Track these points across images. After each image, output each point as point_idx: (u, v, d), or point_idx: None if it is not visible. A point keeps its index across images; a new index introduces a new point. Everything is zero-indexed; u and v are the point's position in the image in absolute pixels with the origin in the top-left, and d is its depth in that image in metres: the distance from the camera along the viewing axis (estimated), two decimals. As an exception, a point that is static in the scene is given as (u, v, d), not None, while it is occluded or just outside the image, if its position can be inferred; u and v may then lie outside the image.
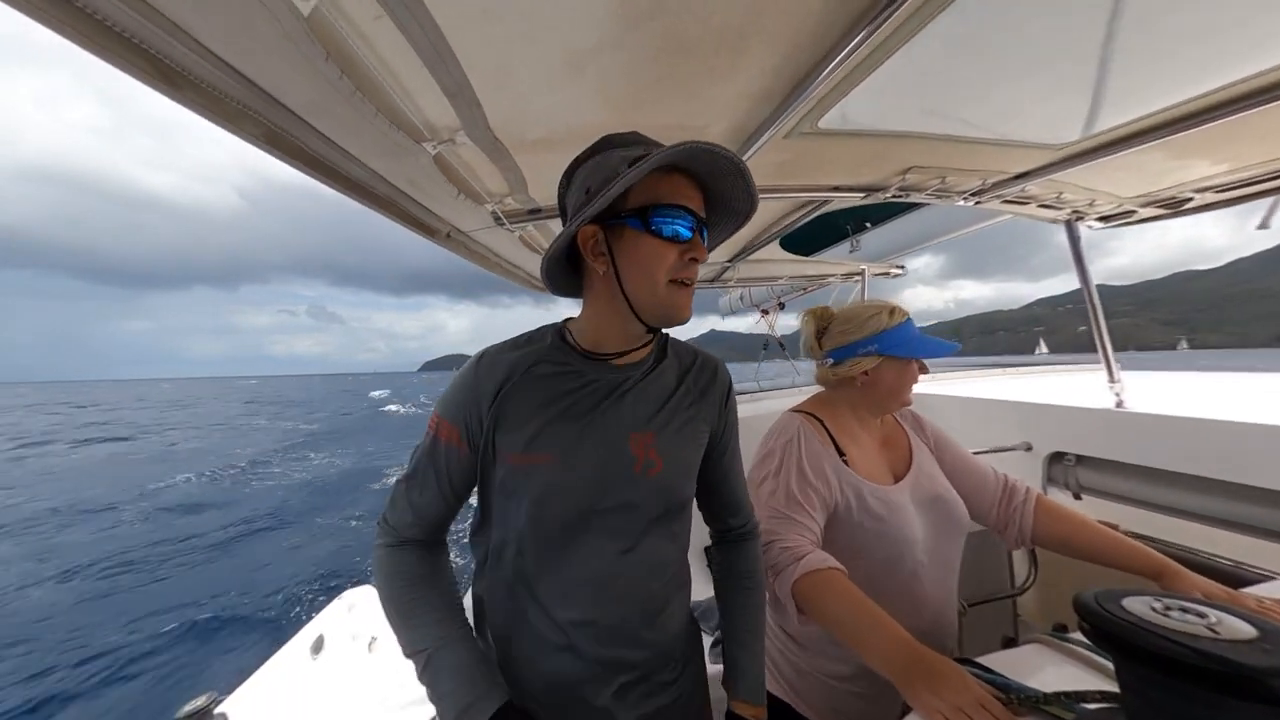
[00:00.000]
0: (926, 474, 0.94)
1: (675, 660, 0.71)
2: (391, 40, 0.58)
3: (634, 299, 0.60)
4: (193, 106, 0.62)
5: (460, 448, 0.63)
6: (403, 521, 0.65)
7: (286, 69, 0.61)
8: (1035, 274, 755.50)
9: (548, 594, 0.63)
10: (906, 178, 1.20)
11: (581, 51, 0.65)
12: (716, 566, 0.82)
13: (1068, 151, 1.08)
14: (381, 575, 0.64)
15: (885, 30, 0.61)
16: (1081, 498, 1.62)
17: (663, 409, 0.67)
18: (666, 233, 0.57)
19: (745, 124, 0.89)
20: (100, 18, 0.49)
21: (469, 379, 0.63)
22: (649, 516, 0.65)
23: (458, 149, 0.86)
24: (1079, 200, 1.45)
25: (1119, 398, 1.62)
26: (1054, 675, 0.67)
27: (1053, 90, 0.83)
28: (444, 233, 1.32)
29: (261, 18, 0.52)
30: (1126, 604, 0.50)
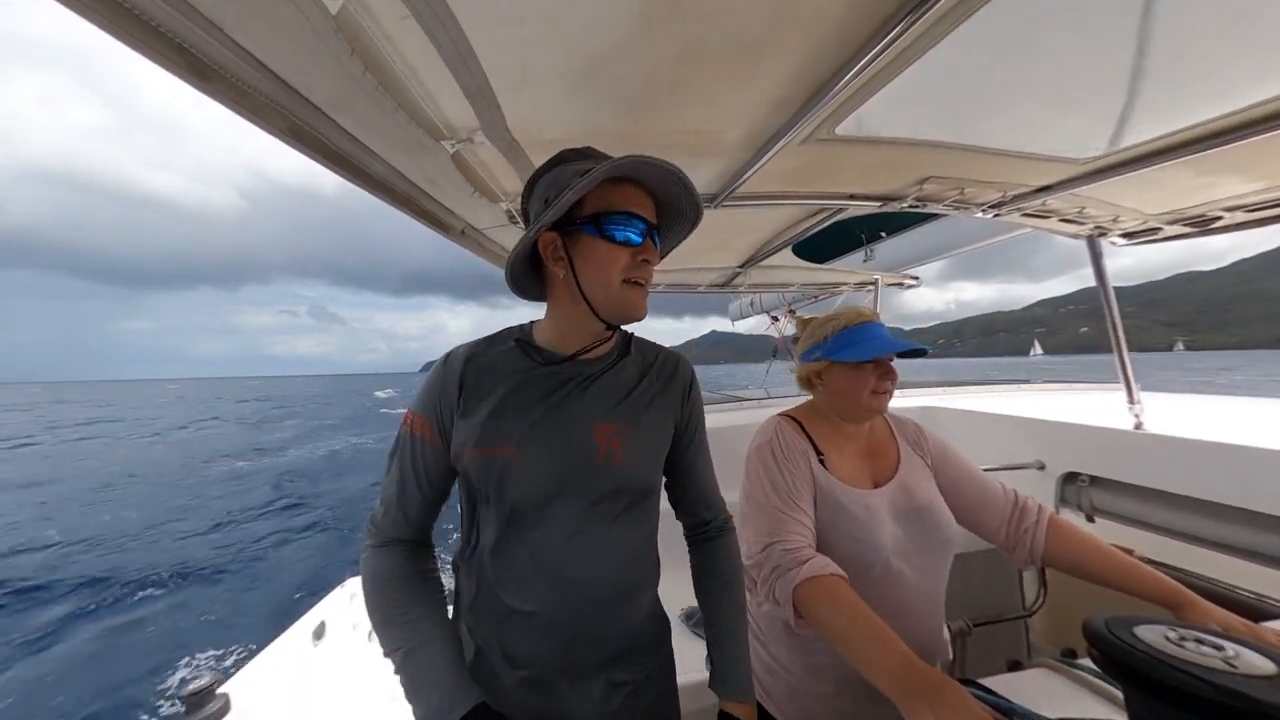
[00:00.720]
0: (910, 485, 0.93)
1: (642, 656, 0.72)
2: (415, 40, 0.59)
3: (591, 299, 0.64)
4: (220, 99, 0.64)
5: (433, 439, 0.66)
6: (387, 521, 0.67)
7: (312, 64, 0.63)
8: (1036, 275, 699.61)
9: (512, 582, 0.65)
10: (924, 188, 1.19)
11: (600, 55, 0.66)
12: (695, 565, 0.82)
13: (1092, 166, 1.06)
14: (365, 575, 0.65)
15: (908, 38, 0.60)
16: (1095, 520, 1.58)
17: (625, 400, 0.70)
18: (619, 237, 0.62)
19: (762, 130, 0.88)
20: (138, 12, 0.50)
21: (438, 374, 0.67)
22: (613, 505, 0.67)
23: (475, 148, 0.88)
24: (1102, 216, 1.41)
25: (1138, 419, 1.57)
26: (1059, 702, 0.65)
27: (1078, 103, 0.82)
28: (459, 229, 1.34)
29: (290, 13, 0.53)
30: (1139, 632, 0.48)
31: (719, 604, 0.78)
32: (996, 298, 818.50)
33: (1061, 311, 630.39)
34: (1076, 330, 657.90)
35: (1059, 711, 0.59)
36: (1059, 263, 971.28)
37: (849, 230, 1.80)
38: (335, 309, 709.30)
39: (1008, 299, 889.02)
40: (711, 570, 0.80)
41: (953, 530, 0.92)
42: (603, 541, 0.66)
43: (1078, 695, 0.67)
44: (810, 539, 0.84)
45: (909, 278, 2.68)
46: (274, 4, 0.51)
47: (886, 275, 2.61)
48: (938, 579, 0.91)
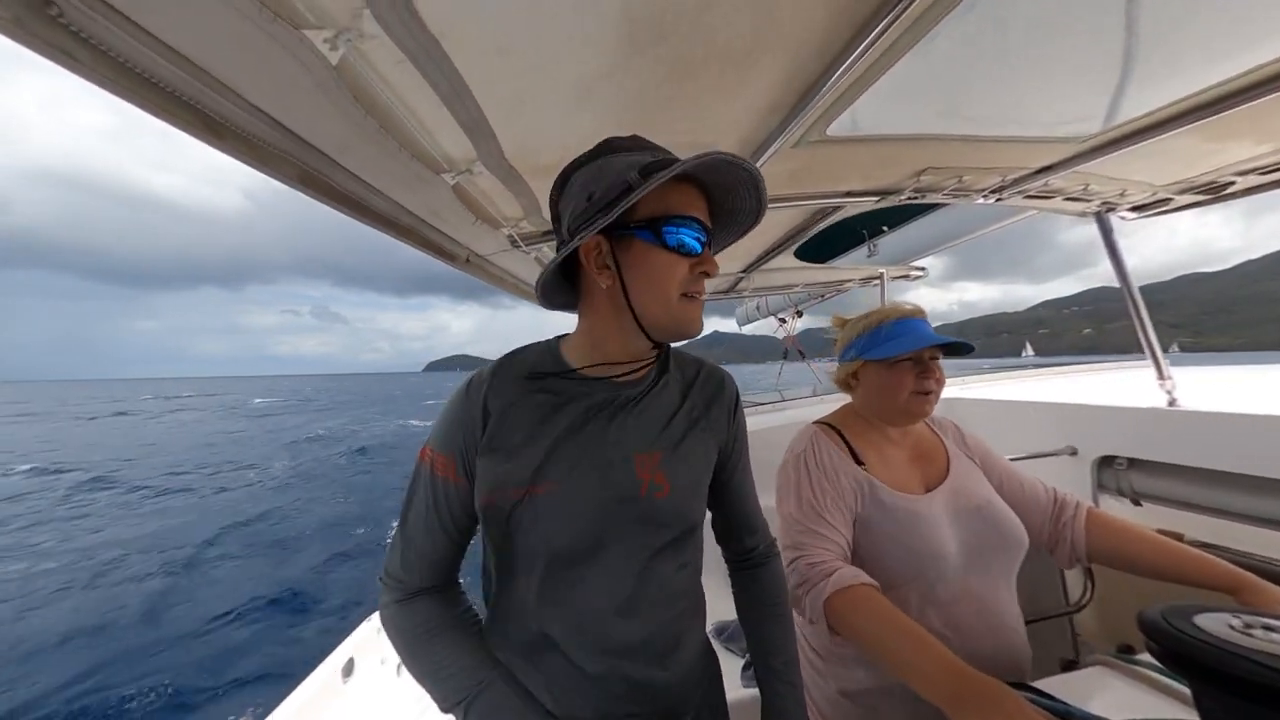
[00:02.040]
0: (965, 486, 0.88)
1: (693, 694, 0.66)
2: (412, 81, 0.61)
3: (643, 313, 0.57)
4: (234, 154, 0.67)
5: (457, 480, 0.59)
6: (409, 571, 0.60)
7: (317, 114, 0.65)
8: (1039, 275, 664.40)
9: (554, 630, 0.58)
10: (921, 179, 1.18)
11: (590, 80, 0.67)
12: (738, 593, 0.77)
13: (1093, 142, 1.04)
14: (397, 633, 0.59)
15: (891, 35, 0.61)
16: (1141, 504, 1.51)
17: (668, 427, 0.63)
18: (680, 246, 0.55)
19: (753, 136, 0.89)
20: (155, 80, 0.54)
21: (460, 406, 0.59)
22: (657, 544, 0.60)
23: (475, 178, 0.90)
24: (1108, 191, 1.39)
25: (1171, 395, 1.51)
26: (1121, 701, 0.61)
27: (1072, 81, 0.81)
28: (463, 257, 1.37)
29: (296, 69, 0.56)
30: (1200, 622, 0.46)
31: (768, 631, 0.72)
32: (1000, 298, 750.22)
33: (1064, 313, 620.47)
34: (1079, 331, 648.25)
35: (1122, 712, 0.56)
36: (1062, 263, 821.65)
37: (850, 227, 1.80)
38: (338, 309, 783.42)
39: (1011, 300, 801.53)
40: (759, 600, 0.74)
41: (1019, 527, 0.85)
42: (650, 589, 0.59)
43: (1141, 694, 0.63)
44: (840, 551, 0.80)
45: (915, 269, 2.65)
46: (279, 61, 0.54)
47: (892, 269, 2.59)
48: (1006, 582, 0.84)
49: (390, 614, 0.60)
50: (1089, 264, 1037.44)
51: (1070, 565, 0.89)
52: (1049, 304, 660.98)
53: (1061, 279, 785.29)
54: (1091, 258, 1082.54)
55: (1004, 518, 0.86)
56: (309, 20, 0.50)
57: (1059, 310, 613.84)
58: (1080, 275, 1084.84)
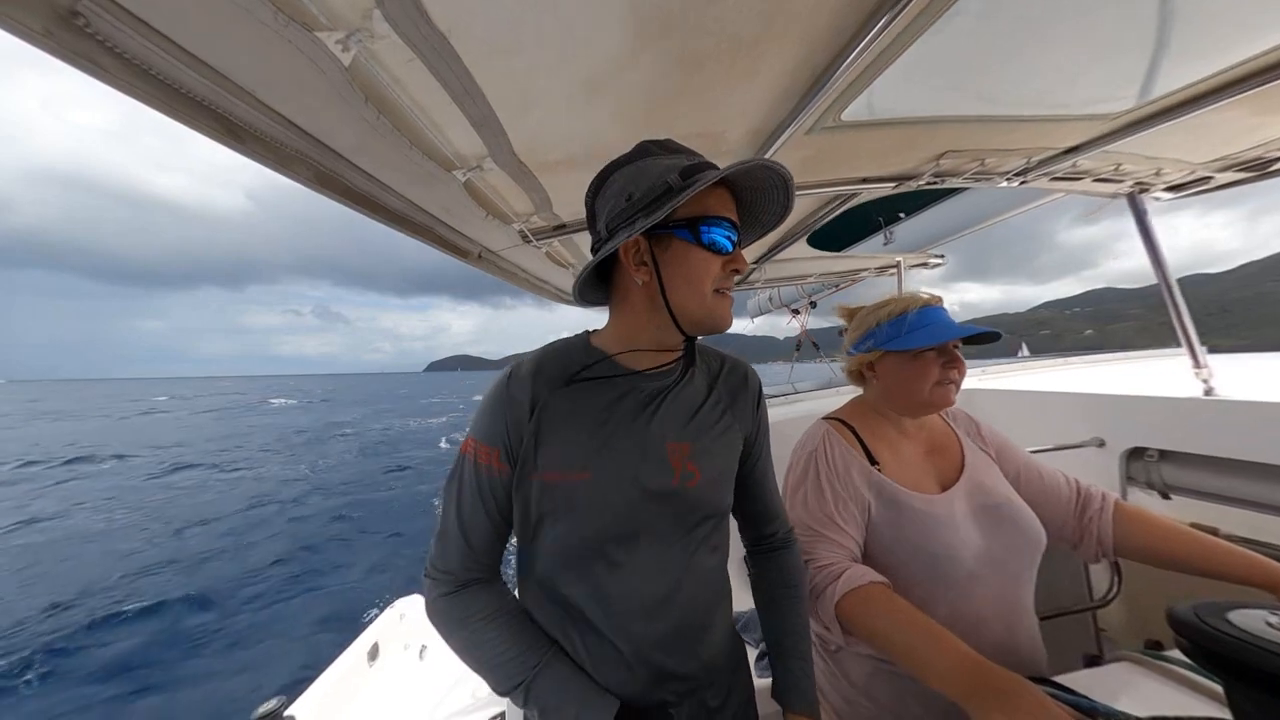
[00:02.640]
0: (981, 482, 0.86)
1: (721, 678, 0.68)
2: (422, 80, 0.62)
3: (679, 309, 0.60)
4: (254, 156, 0.69)
5: (500, 468, 0.61)
6: (459, 562, 0.62)
7: (332, 115, 0.67)
8: (1040, 276, 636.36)
9: (591, 613, 0.60)
10: (940, 163, 1.14)
11: (599, 74, 0.67)
12: (755, 578, 0.79)
13: (1125, 120, 0.99)
14: (450, 624, 0.60)
15: (907, 16, 0.59)
16: (1171, 497, 1.45)
17: (695, 417, 0.66)
18: (715, 245, 0.58)
19: (764, 125, 0.88)
20: (178, 86, 0.55)
21: (502, 397, 0.62)
22: (689, 529, 0.63)
23: (485, 174, 0.91)
24: (1142, 171, 1.32)
25: (1207, 384, 1.44)
26: (1148, 698, 0.60)
27: (1103, 54, 0.77)
28: (475, 253, 1.38)
29: (310, 72, 0.57)
30: (1235, 618, 0.44)
31: (783, 617, 0.74)
32: (1001, 299, 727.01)
33: (1067, 314, 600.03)
34: (1081, 332, 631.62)
35: (1149, 709, 0.54)
36: (1064, 264, 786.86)
37: (865, 214, 1.75)
38: (340, 309, 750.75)
39: (1013, 301, 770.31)
40: (775, 583, 0.76)
41: (1037, 523, 0.83)
42: (681, 573, 0.62)
43: (1169, 691, 0.61)
44: (847, 554, 0.79)
45: (933, 257, 2.58)
46: (294, 63, 0.55)
47: (909, 256, 2.52)
48: (1027, 583, 0.82)
49: (440, 607, 0.61)
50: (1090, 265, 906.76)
51: (1096, 560, 0.86)
52: (1050, 305, 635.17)
53: (1063, 280, 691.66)
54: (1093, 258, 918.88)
55: (1022, 515, 0.83)
56: (321, 22, 0.50)
57: (1061, 311, 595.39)
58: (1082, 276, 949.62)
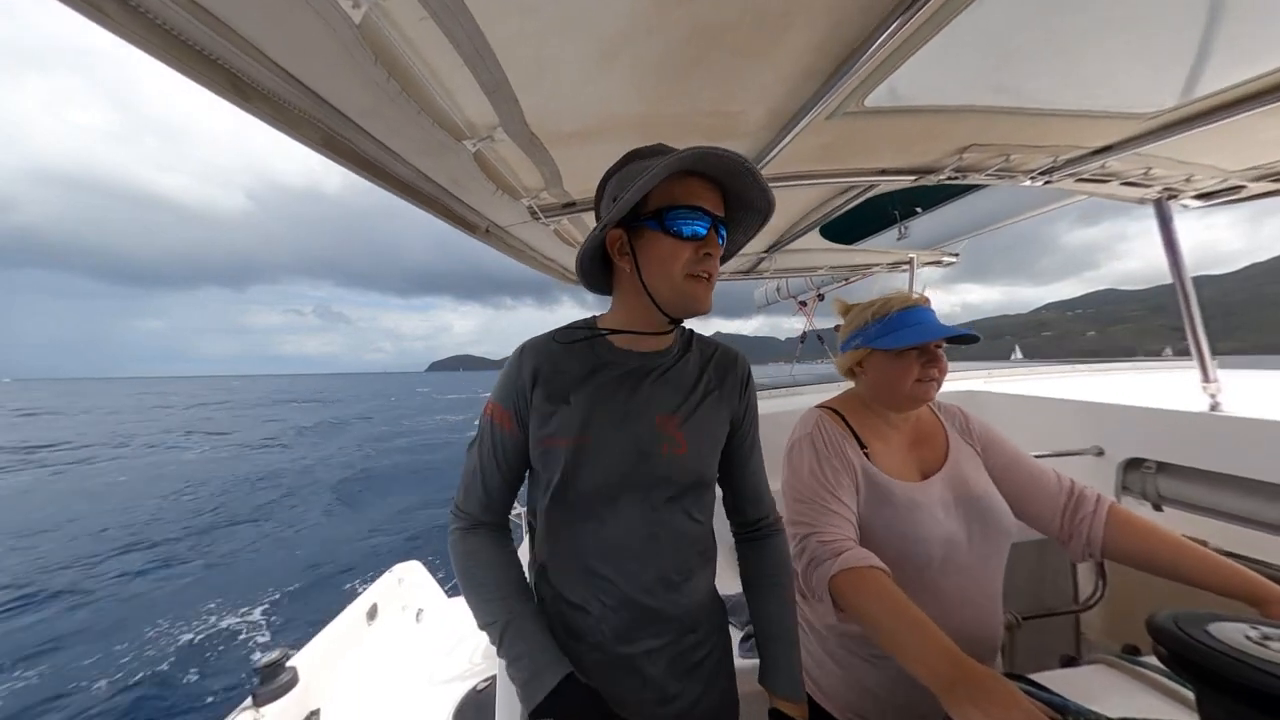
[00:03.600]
0: (962, 474, 0.89)
1: (701, 629, 0.74)
2: (434, 40, 0.60)
3: (655, 293, 0.66)
4: (261, 116, 0.67)
5: (512, 429, 0.70)
6: (474, 506, 0.72)
7: (341, 75, 0.65)
8: (1041, 277, 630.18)
9: (578, 567, 0.68)
10: (964, 157, 1.11)
11: (615, 39, 0.65)
12: (743, 564, 0.82)
13: (1161, 120, 0.95)
14: (458, 555, 0.70)
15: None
16: (1163, 509, 1.46)
17: (688, 396, 0.73)
18: (682, 232, 0.63)
19: (785, 106, 0.85)
20: (184, 38, 0.54)
21: (514, 368, 0.71)
22: (673, 492, 0.70)
23: (496, 145, 0.89)
24: (1172, 176, 1.28)
25: (1214, 399, 1.43)
26: (1120, 700, 0.61)
27: (1144, 50, 0.73)
28: (483, 228, 1.37)
29: (319, 29, 0.55)
30: (1214, 630, 0.45)
31: (769, 602, 0.78)
32: (1003, 301, 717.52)
33: (1069, 315, 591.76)
34: (1083, 334, 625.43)
35: (1120, 711, 0.56)
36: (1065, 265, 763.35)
37: (880, 207, 1.71)
38: (341, 308, 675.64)
39: (1015, 302, 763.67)
40: (761, 569, 0.80)
41: (1009, 521, 0.87)
42: (665, 528, 0.69)
43: (1140, 694, 0.63)
44: (850, 531, 0.82)
45: (948, 254, 2.53)
46: (302, 20, 0.53)
47: (923, 253, 2.47)
48: (994, 572, 0.86)
49: (454, 539, 0.72)
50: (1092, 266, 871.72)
51: (1082, 559, 0.87)
52: (1052, 306, 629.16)
53: (1064, 281, 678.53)
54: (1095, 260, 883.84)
55: (997, 511, 0.86)
56: (331, -26, 0.49)
57: (1062, 313, 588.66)
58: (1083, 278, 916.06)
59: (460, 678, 1.79)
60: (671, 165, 0.59)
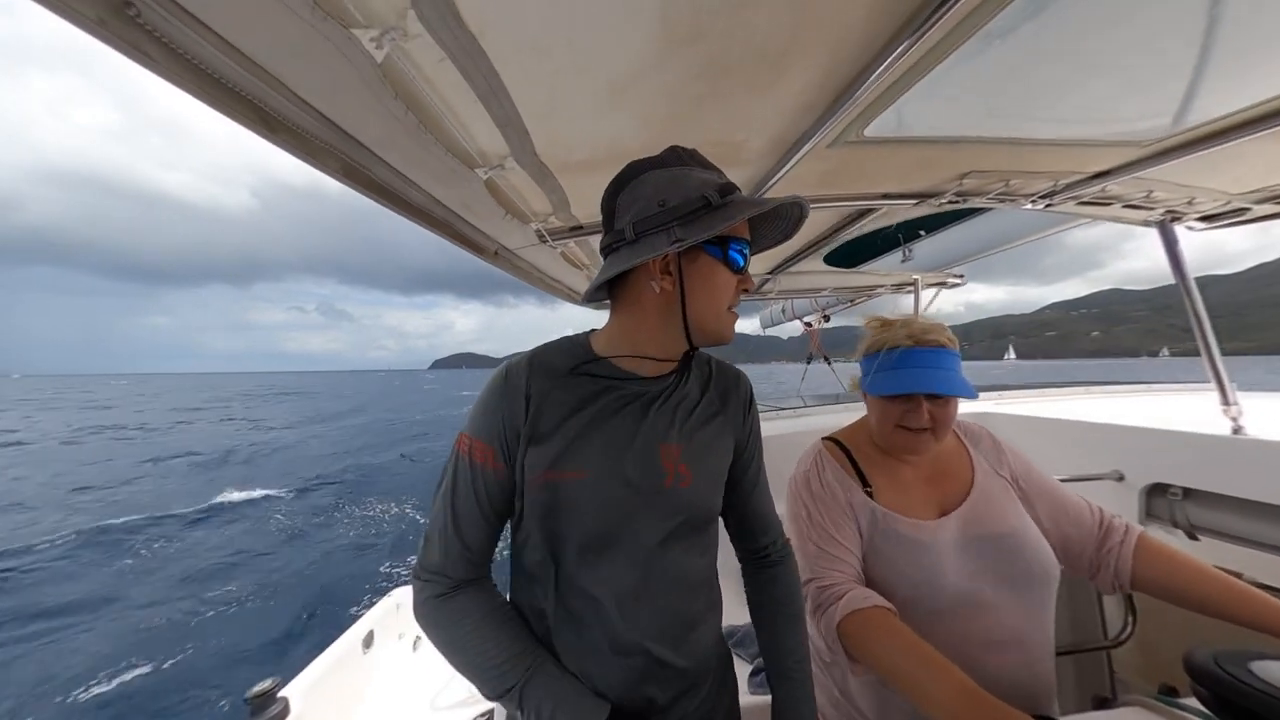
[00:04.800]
0: (985, 512, 0.82)
1: (708, 682, 0.68)
2: (451, 79, 0.63)
3: (695, 321, 0.61)
4: (285, 147, 0.71)
5: (497, 467, 0.60)
6: (451, 563, 0.60)
7: (361, 109, 0.68)
8: (1046, 277, 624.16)
9: (582, 609, 0.61)
10: (964, 183, 1.13)
11: (624, 78, 0.68)
12: (752, 594, 0.78)
13: (1159, 146, 0.96)
14: (438, 628, 0.59)
15: (936, 33, 0.58)
16: (1199, 539, 1.40)
17: (689, 420, 0.67)
18: (737, 264, 0.61)
19: (786, 135, 0.87)
20: (218, 77, 0.57)
21: (498, 394, 0.61)
22: (678, 528, 0.63)
23: (506, 173, 0.92)
24: (1174, 199, 1.28)
25: (1236, 423, 1.39)
26: None
27: (1140, 80, 0.75)
28: (492, 250, 1.40)
29: (343, 67, 0.58)
30: (1257, 669, 0.42)
31: (781, 635, 0.73)
32: (1007, 300, 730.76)
33: (1073, 315, 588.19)
34: (1087, 334, 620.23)
35: None
36: (1070, 265, 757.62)
37: (884, 230, 1.73)
38: (344, 306, 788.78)
39: (1019, 302, 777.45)
40: (771, 600, 0.75)
41: (1046, 558, 0.79)
42: (669, 573, 0.63)
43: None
44: (851, 572, 0.78)
45: (952, 276, 2.53)
46: (328, 58, 0.57)
47: (927, 275, 2.48)
48: (1034, 613, 0.78)
49: (430, 609, 0.60)
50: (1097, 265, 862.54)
51: (1111, 591, 0.83)
52: (1056, 306, 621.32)
53: (1069, 281, 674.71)
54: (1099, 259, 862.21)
55: (1028, 546, 0.80)
56: (357, 19, 0.52)
57: (1067, 313, 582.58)
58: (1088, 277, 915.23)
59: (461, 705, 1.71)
60: (774, 206, 0.59)
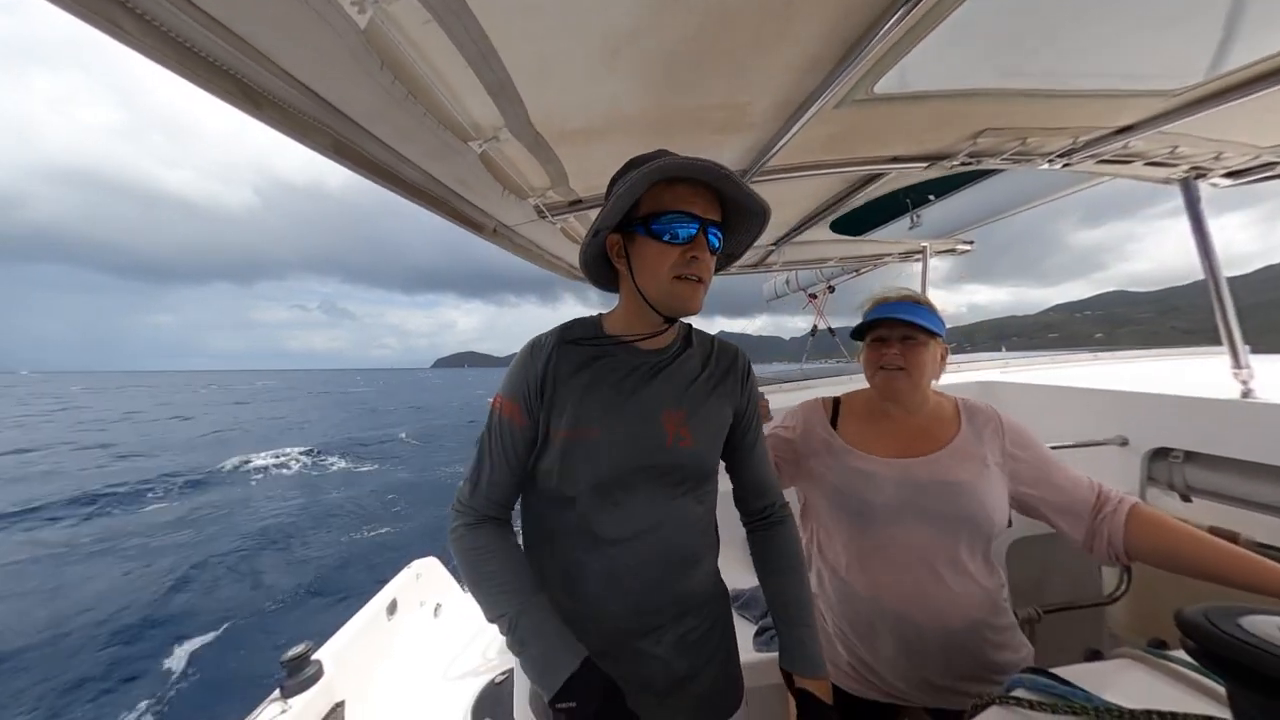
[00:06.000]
0: (942, 466, 0.90)
1: (704, 612, 0.77)
2: (439, 43, 0.60)
3: (646, 294, 0.70)
4: (272, 123, 0.69)
5: (521, 421, 0.71)
6: (481, 500, 0.72)
7: (348, 81, 0.66)
8: (1049, 278, 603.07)
9: (586, 555, 0.70)
10: (978, 142, 1.08)
11: (619, 36, 0.64)
12: (756, 553, 0.85)
13: (1189, 96, 0.91)
14: (463, 550, 0.70)
15: None
16: (1191, 500, 1.41)
17: (690, 389, 0.76)
18: (665, 236, 0.66)
19: (792, 96, 0.83)
20: (198, 50, 0.55)
21: (524, 361, 0.73)
22: (678, 482, 0.73)
23: (502, 145, 0.89)
24: (1200, 154, 1.22)
25: (1246, 386, 1.38)
26: (1144, 694, 0.60)
27: (1167, 23, 0.70)
28: (490, 228, 1.38)
29: (326, 35, 0.56)
30: (1246, 623, 0.43)
31: (785, 586, 0.81)
32: (1011, 301, 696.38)
33: (1077, 317, 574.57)
34: (1091, 336, 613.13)
35: (1146, 705, 0.55)
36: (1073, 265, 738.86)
37: (892, 196, 1.67)
38: (346, 305, 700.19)
39: (1023, 303, 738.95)
40: (774, 555, 0.83)
41: (983, 513, 0.87)
42: (670, 516, 0.72)
43: (1168, 688, 0.61)
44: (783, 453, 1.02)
45: (962, 242, 2.47)
46: (310, 26, 0.54)
47: (936, 242, 2.42)
48: (962, 566, 0.87)
49: (459, 535, 0.72)
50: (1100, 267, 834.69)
51: (1109, 562, 0.85)
52: (1060, 308, 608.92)
53: (1072, 282, 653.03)
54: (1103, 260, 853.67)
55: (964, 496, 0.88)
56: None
57: (1071, 314, 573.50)
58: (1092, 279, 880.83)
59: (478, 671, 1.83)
60: (645, 178, 0.62)
